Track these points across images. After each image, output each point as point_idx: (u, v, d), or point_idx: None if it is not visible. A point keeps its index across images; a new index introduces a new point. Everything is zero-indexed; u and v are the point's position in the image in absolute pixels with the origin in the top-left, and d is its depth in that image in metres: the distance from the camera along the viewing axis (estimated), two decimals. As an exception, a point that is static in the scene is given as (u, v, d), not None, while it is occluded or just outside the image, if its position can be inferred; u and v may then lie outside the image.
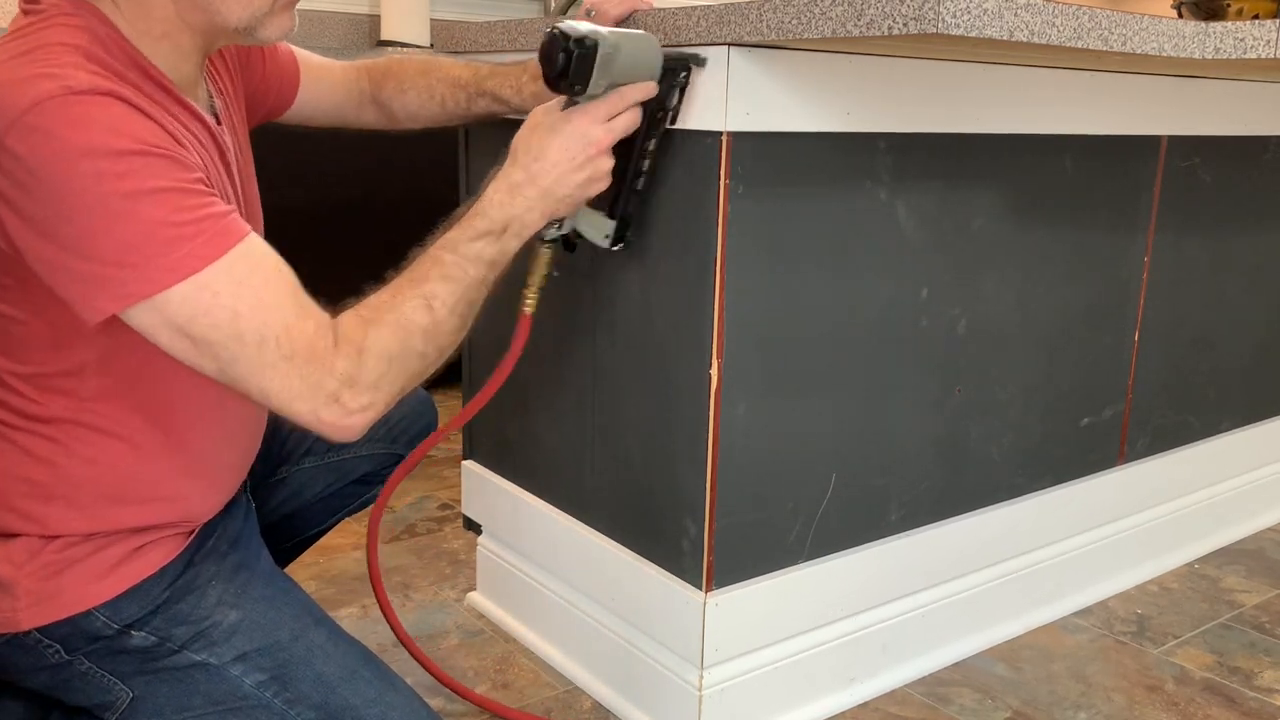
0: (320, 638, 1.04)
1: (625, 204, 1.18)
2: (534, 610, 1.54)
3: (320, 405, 0.92)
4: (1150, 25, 1.12)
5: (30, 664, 1.00)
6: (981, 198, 1.42)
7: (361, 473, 1.36)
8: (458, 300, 1.00)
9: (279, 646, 1.01)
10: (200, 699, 1.00)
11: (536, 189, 1.05)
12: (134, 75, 0.91)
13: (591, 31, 1.03)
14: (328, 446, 1.32)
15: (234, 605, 1.03)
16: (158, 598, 1.01)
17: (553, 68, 1.03)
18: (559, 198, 1.07)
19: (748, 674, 1.32)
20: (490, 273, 1.04)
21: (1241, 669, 1.56)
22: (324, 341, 0.92)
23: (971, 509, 1.54)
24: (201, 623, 1.01)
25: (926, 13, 0.92)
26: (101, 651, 0.99)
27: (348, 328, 0.94)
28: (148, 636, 1.00)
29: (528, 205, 1.05)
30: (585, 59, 1.02)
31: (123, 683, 1.01)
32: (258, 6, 0.95)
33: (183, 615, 1.01)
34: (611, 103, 1.08)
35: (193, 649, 1.00)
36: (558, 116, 1.07)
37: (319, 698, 1.00)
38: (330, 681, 1.01)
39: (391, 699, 1.03)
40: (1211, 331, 1.86)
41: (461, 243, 1.02)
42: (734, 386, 1.22)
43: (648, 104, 1.11)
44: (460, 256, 1.01)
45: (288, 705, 1.00)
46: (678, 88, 1.14)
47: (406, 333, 0.96)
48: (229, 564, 1.06)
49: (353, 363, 0.93)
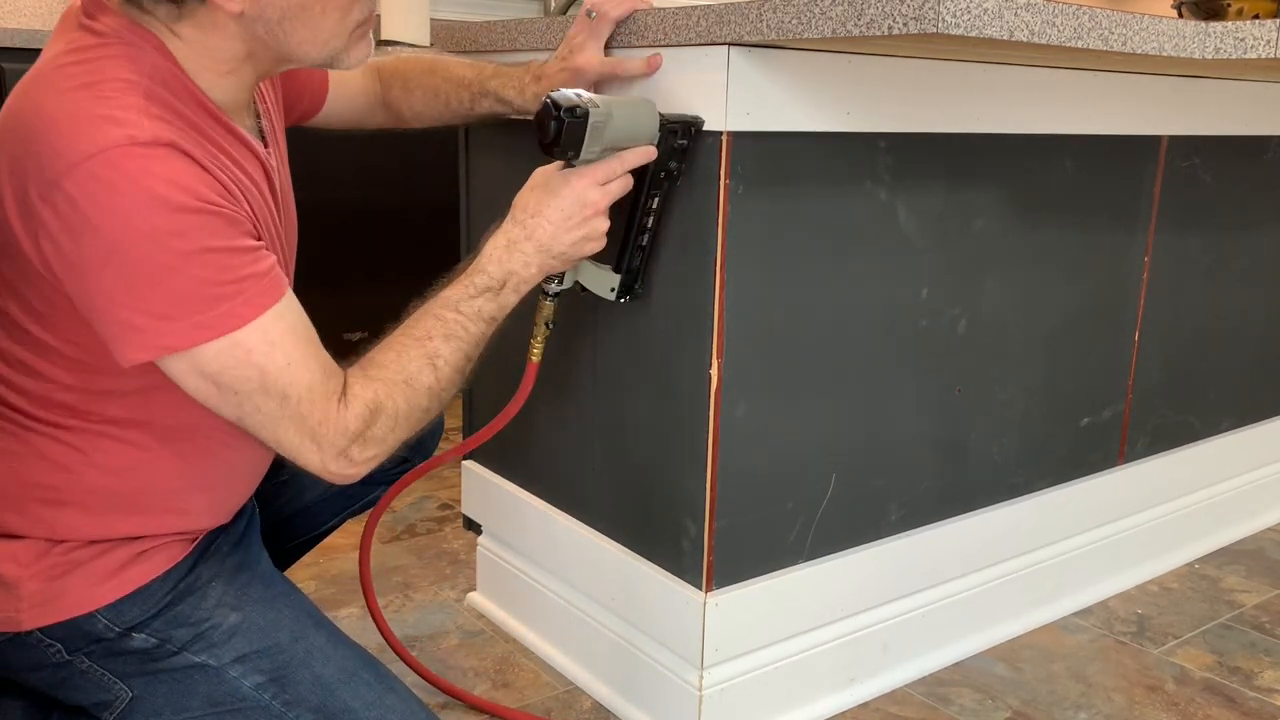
0: (320, 640, 1.05)
1: (630, 259, 1.22)
2: (534, 610, 1.54)
3: (330, 459, 0.97)
4: (1150, 25, 1.12)
5: (30, 662, 1.01)
6: (982, 198, 1.42)
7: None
8: (461, 358, 1.05)
9: (278, 648, 1.02)
10: (199, 700, 1.01)
11: (533, 245, 1.09)
12: (191, 109, 0.92)
13: (583, 101, 1.06)
14: None
15: (234, 607, 1.03)
16: (160, 601, 1.01)
17: (545, 135, 1.06)
18: (555, 254, 1.11)
19: (748, 674, 1.32)
20: (489, 328, 1.08)
21: (1241, 669, 1.56)
22: (339, 402, 0.96)
23: (971, 509, 1.54)
24: (201, 624, 1.02)
25: (926, 13, 0.92)
26: (102, 652, 1.00)
27: (359, 388, 0.98)
28: (148, 639, 1.01)
29: (525, 261, 1.09)
30: (576, 127, 1.05)
31: (122, 682, 1.02)
32: (334, 44, 0.98)
33: (183, 617, 1.02)
34: (609, 167, 1.11)
35: (192, 650, 1.01)
36: (556, 178, 1.10)
37: (317, 700, 1.01)
38: (329, 684, 1.02)
39: (390, 702, 1.03)
40: (1211, 331, 1.86)
41: (463, 300, 1.06)
42: (734, 386, 1.22)
43: (648, 166, 1.14)
44: (461, 314, 1.06)
45: (286, 707, 1.01)
46: (678, 150, 1.17)
47: (414, 392, 1.01)
48: (230, 565, 1.06)
49: (364, 422, 0.97)
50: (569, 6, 2.98)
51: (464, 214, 1.58)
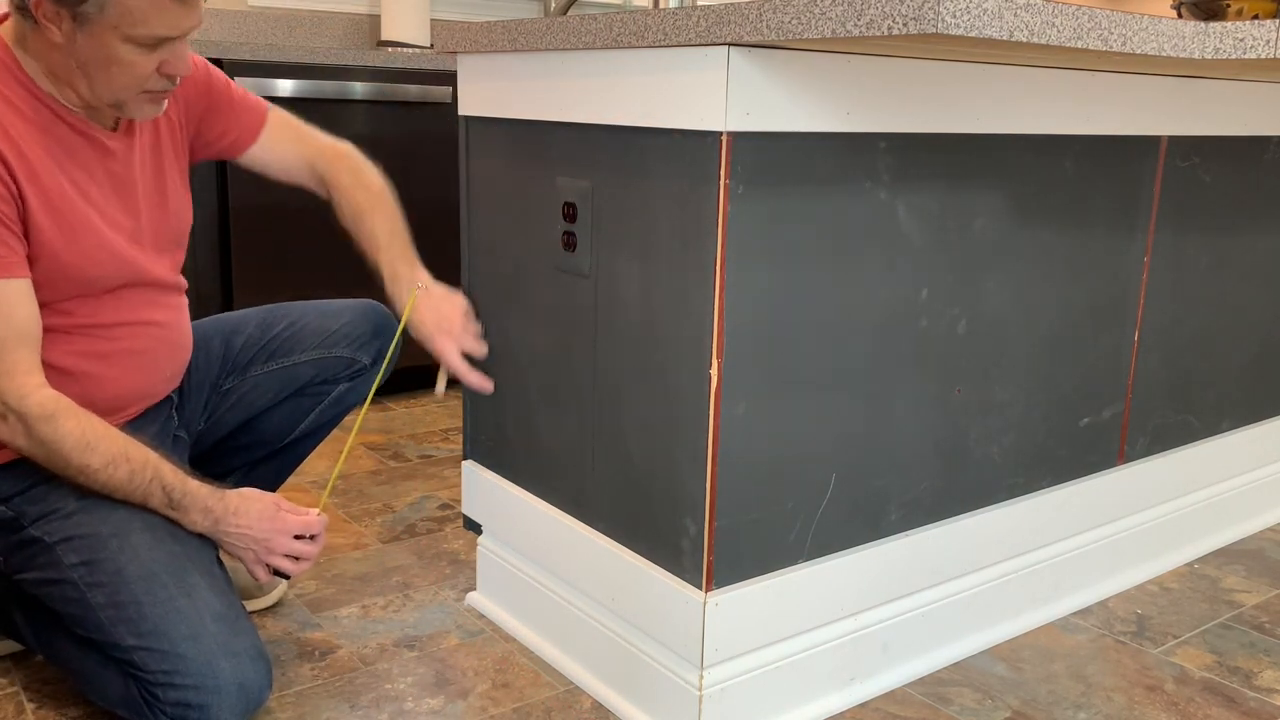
0: (138, 540, 1.25)
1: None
2: (534, 610, 1.54)
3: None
4: (1150, 25, 1.12)
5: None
6: (982, 198, 1.42)
7: (308, 378, 1.58)
8: (103, 482, 1.26)
9: (98, 538, 1.25)
10: (36, 566, 1.28)
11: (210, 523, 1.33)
12: (15, 90, 1.22)
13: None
14: (268, 355, 1.57)
15: (79, 498, 1.27)
16: (26, 480, 1.28)
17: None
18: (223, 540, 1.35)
19: (748, 674, 1.32)
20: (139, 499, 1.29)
21: (1241, 669, 1.56)
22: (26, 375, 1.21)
23: (971, 509, 1.54)
24: (49, 507, 1.28)
25: (926, 13, 0.92)
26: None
27: (62, 399, 1.24)
28: (7, 510, 1.29)
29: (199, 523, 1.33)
30: None
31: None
32: (121, 96, 1.24)
33: (38, 497, 1.28)
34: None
35: (35, 527, 1.28)
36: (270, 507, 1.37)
37: (112, 587, 1.22)
38: (127, 577, 1.22)
39: (180, 605, 1.22)
40: (1211, 331, 1.86)
41: (173, 488, 1.29)
42: (734, 386, 1.22)
43: None
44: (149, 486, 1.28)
45: (87, 588, 1.23)
46: None
47: (71, 456, 1.23)
48: None
49: (40, 409, 1.22)
50: (569, 6, 2.98)
51: (464, 214, 1.58)
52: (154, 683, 1.21)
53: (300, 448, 1.67)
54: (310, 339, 1.58)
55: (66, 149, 1.26)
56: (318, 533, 1.39)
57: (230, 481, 1.39)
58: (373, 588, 1.72)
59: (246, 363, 1.57)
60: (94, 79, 1.22)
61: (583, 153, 1.33)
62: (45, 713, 1.36)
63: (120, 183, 1.33)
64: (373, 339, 1.60)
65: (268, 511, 1.34)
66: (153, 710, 1.22)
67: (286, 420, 1.61)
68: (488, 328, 1.55)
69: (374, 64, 2.57)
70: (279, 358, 1.57)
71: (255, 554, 1.35)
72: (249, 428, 1.60)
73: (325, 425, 1.65)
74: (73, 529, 1.26)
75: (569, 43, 1.29)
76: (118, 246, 1.31)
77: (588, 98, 1.29)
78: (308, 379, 1.58)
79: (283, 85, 2.43)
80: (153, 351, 1.39)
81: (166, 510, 1.29)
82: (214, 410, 1.57)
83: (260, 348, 1.57)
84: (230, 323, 1.60)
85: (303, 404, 1.60)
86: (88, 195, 1.28)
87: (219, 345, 1.57)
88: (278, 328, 1.59)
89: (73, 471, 1.25)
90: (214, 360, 1.56)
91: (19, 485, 1.29)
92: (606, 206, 1.30)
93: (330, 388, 1.60)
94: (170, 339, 1.42)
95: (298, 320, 1.59)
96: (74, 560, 1.25)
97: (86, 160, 1.28)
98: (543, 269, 1.42)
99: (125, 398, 1.38)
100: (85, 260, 1.28)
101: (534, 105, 1.38)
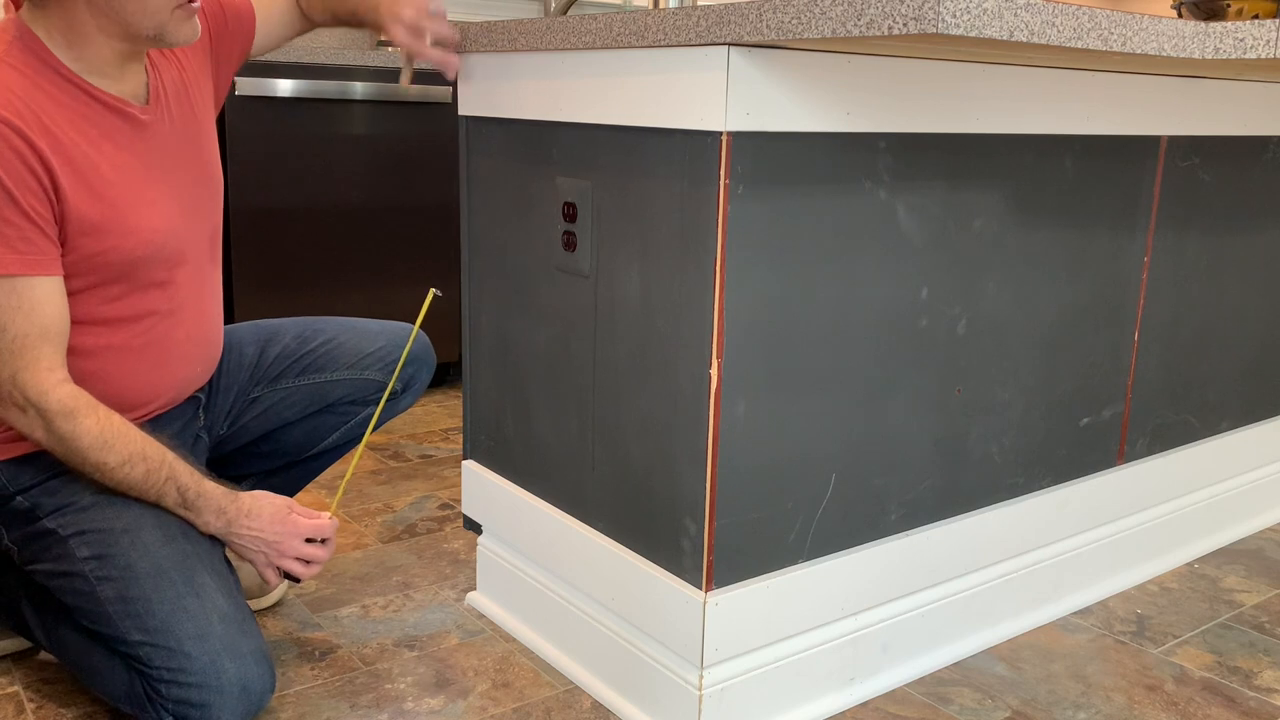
0: (149, 538, 1.26)
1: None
2: (534, 610, 1.54)
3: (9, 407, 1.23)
4: (1150, 25, 1.12)
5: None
6: (981, 198, 1.42)
7: (337, 396, 1.60)
8: (120, 479, 1.26)
9: (110, 533, 1.26)
10: (48, 559, 1.29)
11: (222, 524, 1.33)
12: (48, 76, 1.22)
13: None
14: (301, 369, 1.58)
15: (94, 493, 1.28)
16: (45, 472, 1.30)
17: None
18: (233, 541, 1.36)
19: (748, 674, 1.32)
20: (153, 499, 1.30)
21: (1241, 669, 1.56)
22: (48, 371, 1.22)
23: (971, 509, 1.54)
24: (65, 499, 1.29)
25: (926, 13, 0.92)
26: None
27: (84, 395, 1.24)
28: (24, 501, 1.30)
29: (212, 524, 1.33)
30: None
31: (7, 534, 1.33)
32: (159, 18, 1.24)
33: (54, 490, 1.30)
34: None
35: (50, 519, 1.29)
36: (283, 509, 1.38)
37: (121, 582, 1.24)
38: (137, 573, 1.23)
39: (188, 604, 1.23)
40: (1211, 331, 1.86)
41: (187, 486, 1.29)
42: (734, 386, 1.22)
43: None
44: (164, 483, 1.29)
45: (98, 581, 1.25)
46: None
47: (88, 453, 1.24)
48: None
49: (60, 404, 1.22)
50: (569, 6, 2.98)
51: (464, 214, 1.58)
52: (158, 679, 1.21)
53: (318, 463, 1.67)
54: (345, 358, 1.59)
55: (103, 130, 1.26)
56: (329, 536, 1.39)
57: (244, 487, 1.38)
58: (373, 587, 1.72)
59: (279, 374, 1.58)
60: (128, 10, 1.21)
61: (583, 153, 1.33)
62: (45, 713, 1.36)
63: (159, 156, 1.33)
64: (406, 365, 1.61)
65: (280, 514, 1.35)
66: (155, 706, 1.23)
67: (309, 435, 1.62)
68: (488, 327, 1.55)
69: (374, 64, 2.57)
70: (311, 373, 1.58)
71: (266, 556, 1.35)
72: (271, 438, 1.60)
73: (347, 444, 1.66)
74: (86, 523, 1.27)
75: (569, 43, 1.29)
76: (161, 223, 1.31)
77: (588, 98, 1.29)
78: (337, 398, 1.60)
79: (283, 85, 2.44)
80: (182, 346, 1.39)
81: (180, 510, 1.30)
82: (239, 416, 1.57)
83: (294, 360, 1.58)
84: (266, 330, 1.60)
85: (328, 421, 1.61)
86: (128, 176, 1.28)
87: (253, 352, 1.57)
88: (314, 343, 1.59)
89: (89, 468, 1.25)
90: (246, 366, 1.56)
91: (37, 477, 1.30)
92: (607, 206, 1.30)
93: (358, 409, 1.61)
94: (201, 335, 1.43)
95: (334, 337, 1.60)
96: (86, 554, 1.26)
97: (126, 139, 1.29)
98: (543, 269, 1.42)
99: (151, 391, 1.38)
100: (132, 241, 1.28)
101: (534, 105, 1.39)
